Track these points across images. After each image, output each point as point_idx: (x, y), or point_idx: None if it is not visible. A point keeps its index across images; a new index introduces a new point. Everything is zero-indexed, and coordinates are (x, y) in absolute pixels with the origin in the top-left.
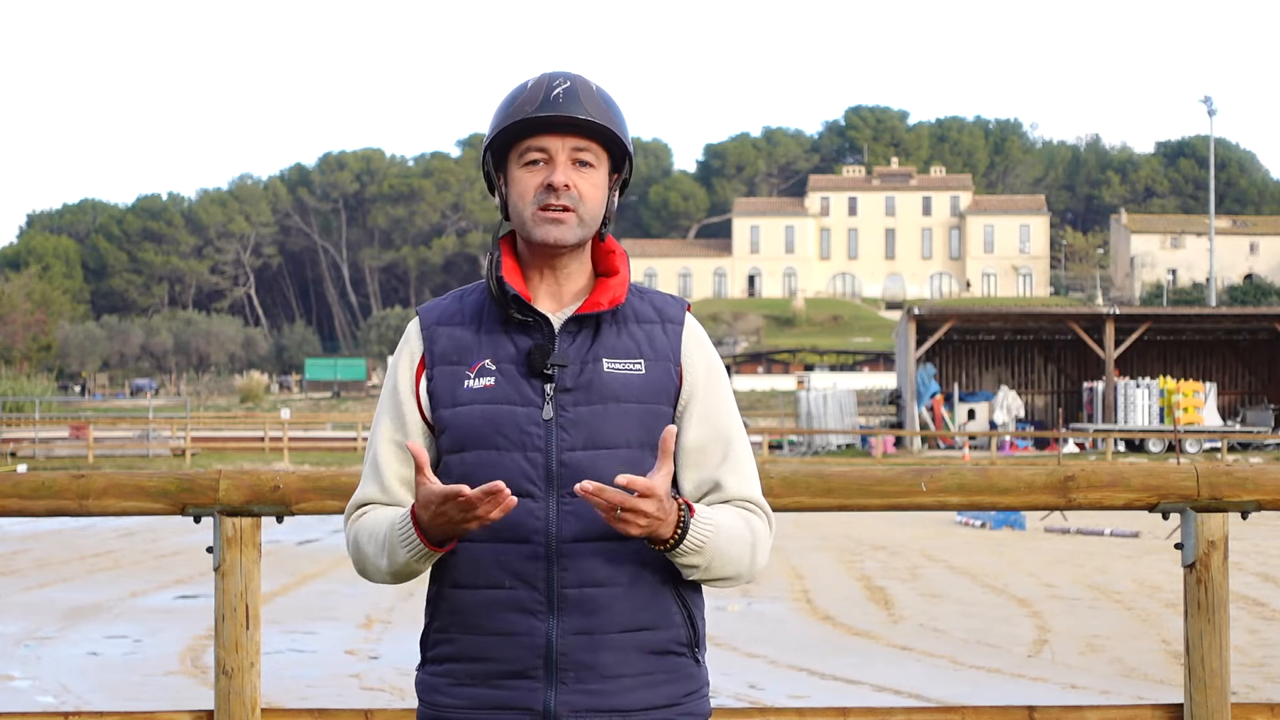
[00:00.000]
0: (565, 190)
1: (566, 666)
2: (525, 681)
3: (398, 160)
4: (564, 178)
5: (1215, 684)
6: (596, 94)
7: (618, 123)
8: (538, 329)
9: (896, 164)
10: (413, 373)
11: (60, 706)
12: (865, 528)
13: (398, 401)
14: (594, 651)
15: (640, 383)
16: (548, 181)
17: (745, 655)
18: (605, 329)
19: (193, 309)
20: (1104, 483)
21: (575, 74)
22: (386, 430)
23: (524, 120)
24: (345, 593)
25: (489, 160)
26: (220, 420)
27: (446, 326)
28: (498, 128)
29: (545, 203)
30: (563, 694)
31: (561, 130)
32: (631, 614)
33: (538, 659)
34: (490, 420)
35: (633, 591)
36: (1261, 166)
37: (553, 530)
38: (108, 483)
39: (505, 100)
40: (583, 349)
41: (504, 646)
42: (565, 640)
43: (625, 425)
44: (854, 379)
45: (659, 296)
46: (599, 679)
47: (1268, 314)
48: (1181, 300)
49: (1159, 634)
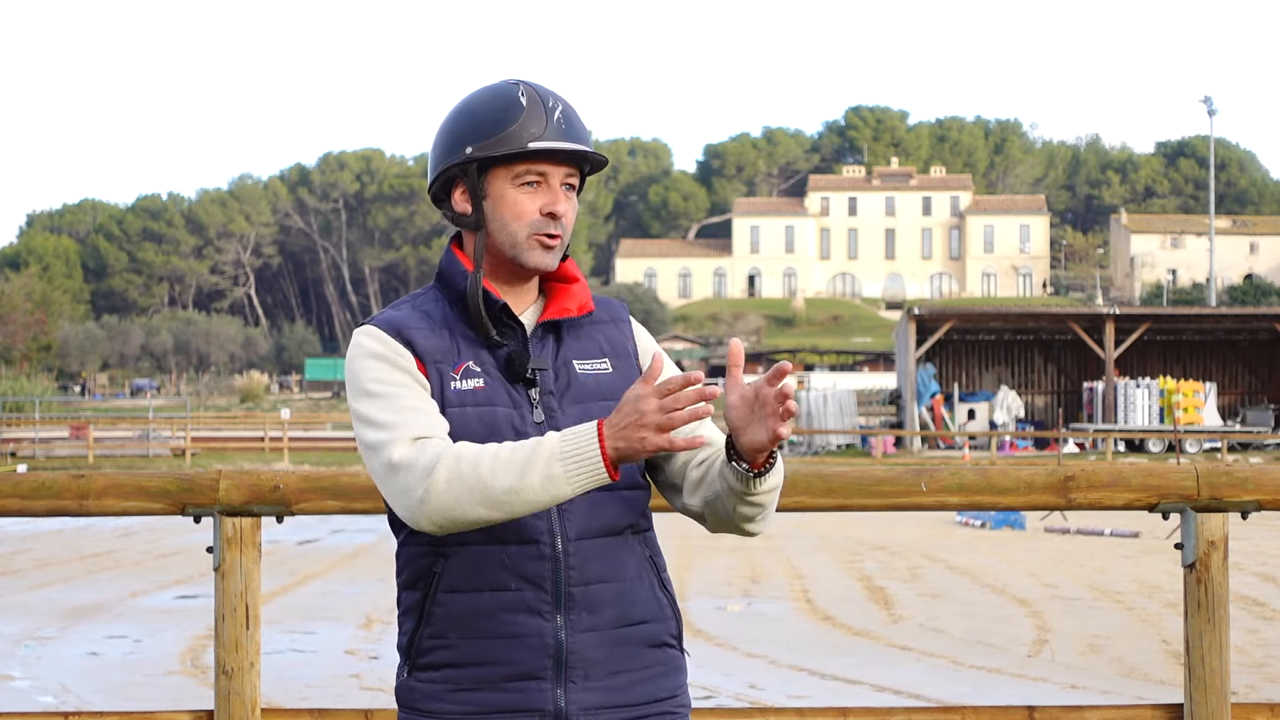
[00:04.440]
0: (560, 219)
1: (575, 665)
2: (534, 683)
3: (398, 160)
4: (563, 207)
5: (1215, 684)
6: (577, 115)
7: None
8: (510, 335)
9: (896, 164)
10: (412, 361)
11: (60, 706)
12: (865, 528)
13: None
14: (602, 648)
15: (609, 380)
16: (550, 210)
17: (745, 655)
18: (566, 334)
19: (193, 309)
20: (1104, 483)
21: (547, 88)
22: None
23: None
24: (345, 593)
25: (472, 170)
26: (220, 420)
27: (417, 330)
28: (499, 147)
29: (545, 230)
30: (572, 693)
31: (561, 158)
32: (634, 608)
33: (547, 659)
34: (486, 422)
35: (633, 586)
36: (1261, 166)
37: (558, 530)
38: (108, 483)
39: (491, 112)
40: (553, 353)
41: (511, 649)
42: (574, 638)
43: None
44: (854, 379)
45: (601, 299)
46: (605, 675)
47: (1268, 314)
48: (1181, 300)
49: (1159, 634)
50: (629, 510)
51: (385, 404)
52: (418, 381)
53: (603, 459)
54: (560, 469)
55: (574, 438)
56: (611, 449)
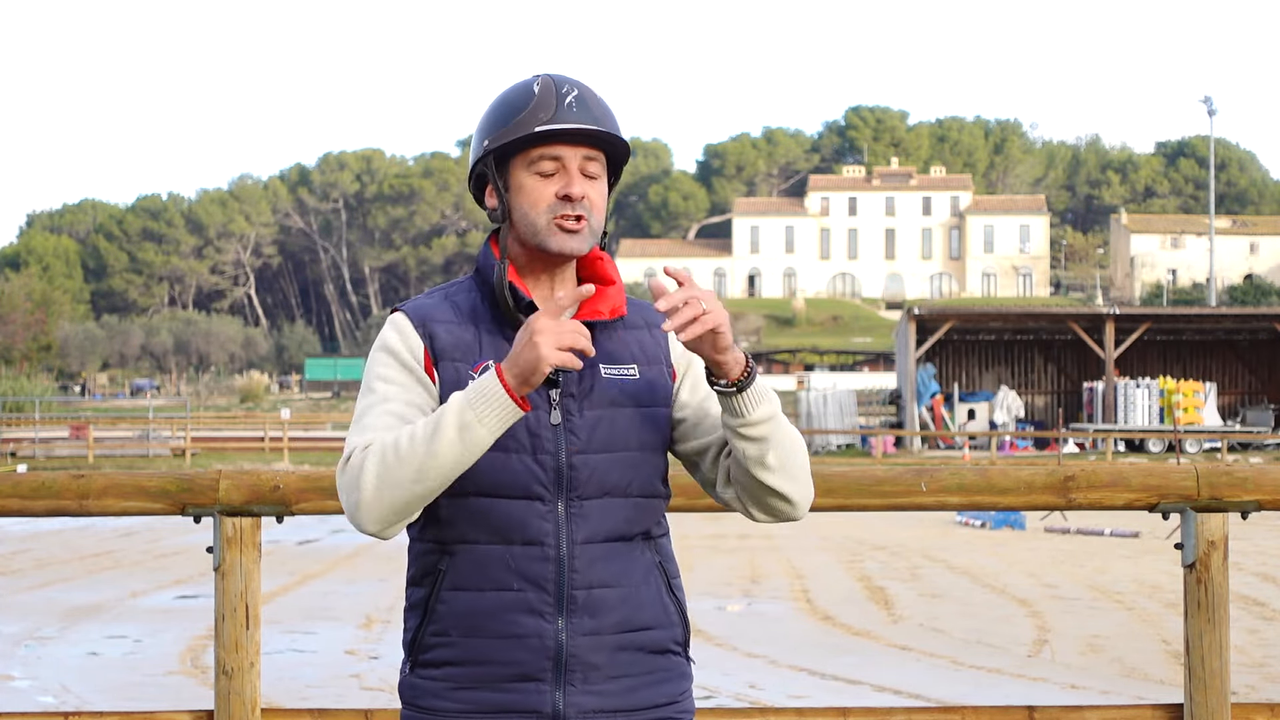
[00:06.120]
0: (580, 201)
1: (575, 668)
2: (532, 684)
3: (398, 160)
4: (581, 189)
5: (1215, 684)
6: (599, 101)
7: (618, 129)
8: None
9: (896, 164)
10: (421, 362)
11: (60, 706)
12: (865, 528)
13: (412, 371)
14: (602, 652)
15: (635, 387)
16: (565, 193)
17: (745, 655)
18: (599, 336)
19: (193, 309)
20: (1104, 483)
21: (572, 78)
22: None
23: (543, 131)
24: (345, 593)
25: (490, 163)
26: (220, 420)
27: (442, 324)
28: (508, 134)
29: (563, 213)
30: (571, 695)
31: (574, 140)
32: (637, 614)
33: (546, 661)
34: None
35: (638, 591)
36: (1261, 166)
37: (564, 532)
38: (108, 483)
39: (505, 104)
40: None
41: (511, 649)
42: (575, 642)
43: (628, 429)
44: (854, 379)
45: (644, 304)
46: (605, 679)
47: (1268, 314)
48: (1181, 300)
49: (1159, 634)
50: (642, 517)
51: (375, 404)
52: (419, 383)
53: (506, 392)
54: (472, 415)
55: (477, 384)
56: (511, 379)
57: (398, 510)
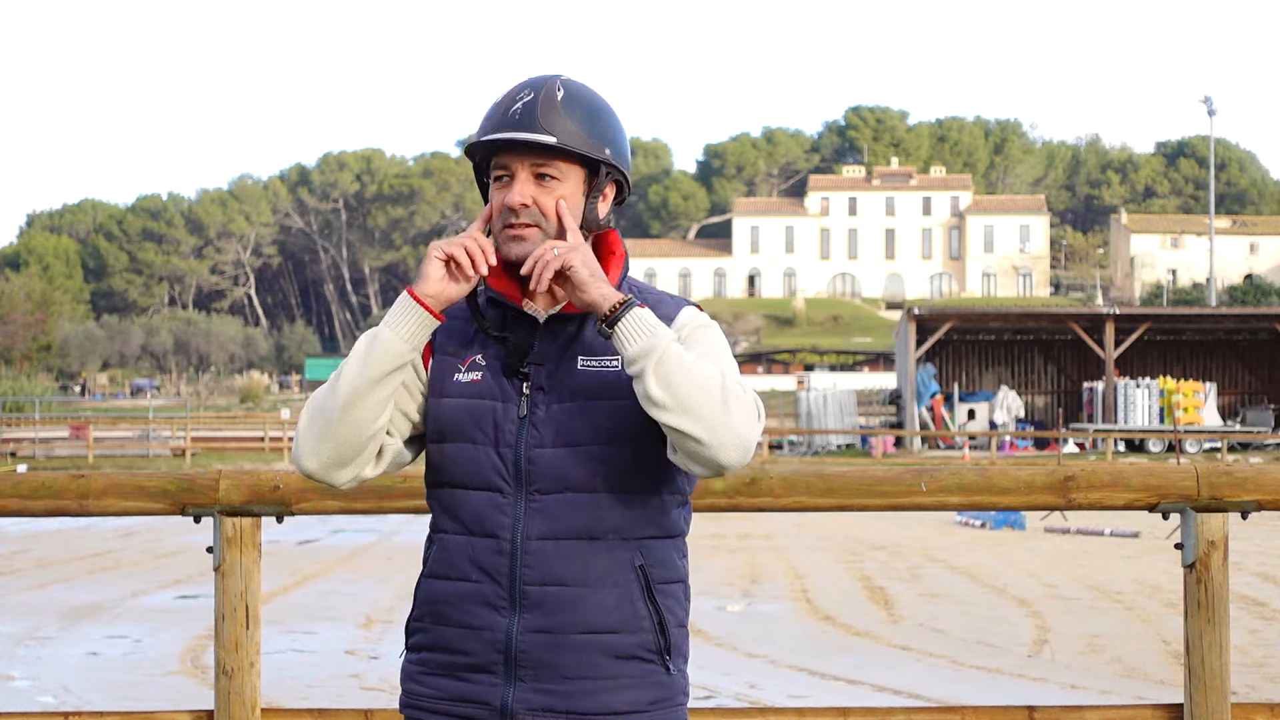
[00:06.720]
0: (524, 209)
1: (525, 664)
2: (486, 676)
3: (398, 160)
4: (520, 197)
5: (1215, 684)
6: (561, 104)
7: (580, 134)
8: (522, 327)
9: (896, 164)
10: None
11: (60, 706)
12: (865, 528)
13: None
14: (555, 651)
15: (613, 379)
16: (505, 202)
17: (745, 655)
18: (588, 327)
19: (193, 309)
20: (1104, 483)
21: (550, 79)
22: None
23: (482, 143)
24: (345, 593)
25: (479, 171)
26: (220, 420)
27: (449, 318)
28: (470, 148)
29: (509, 221)
30: (520, 691)
31: (520, 149)
32: (596, 616)
33: (497, 654)
34: (471, 414)
35: (598, 593)
36: (1261, 166)
37: (519, 526)
38: (108, 483)
39: (485, 113)
40: (562, 347)
41: (467, 640)
42: (525, 638)
43: (595, 422)
44: (854, 379)
45: (655, 295)
46: (559, 679)
47: (1268, 314)
48: (1181, 300)
49: (1159, 634)
50: (619, 515)
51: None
52: (411, 364)
53: (411, 296)
54: (384, 330)
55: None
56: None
57: (327, 438)
